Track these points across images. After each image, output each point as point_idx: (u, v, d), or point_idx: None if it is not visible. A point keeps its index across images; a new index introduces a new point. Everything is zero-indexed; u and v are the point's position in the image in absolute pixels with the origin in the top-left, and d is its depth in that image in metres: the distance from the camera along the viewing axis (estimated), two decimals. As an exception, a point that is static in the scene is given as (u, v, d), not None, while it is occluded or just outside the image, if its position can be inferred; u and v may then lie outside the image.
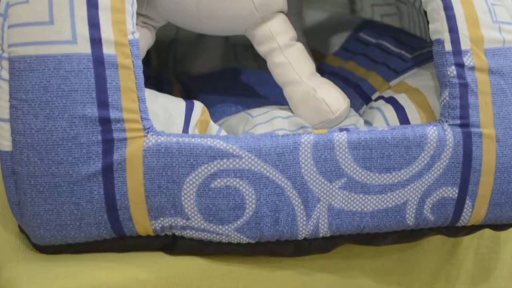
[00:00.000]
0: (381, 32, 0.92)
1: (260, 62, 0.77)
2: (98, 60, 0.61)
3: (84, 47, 0.61)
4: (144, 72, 0.64)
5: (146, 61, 0.96)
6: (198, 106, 0.69)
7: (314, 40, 1.00)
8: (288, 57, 0.72)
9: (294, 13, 0.85)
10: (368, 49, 0.90)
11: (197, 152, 0.62)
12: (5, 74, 0.62)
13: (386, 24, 0.98)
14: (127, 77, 0.62)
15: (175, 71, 1.00)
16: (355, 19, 1.02)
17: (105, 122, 0.61)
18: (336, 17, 1.06)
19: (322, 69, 0.94)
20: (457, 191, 0.66)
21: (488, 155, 0.66)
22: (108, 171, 0.61)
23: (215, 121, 0.75)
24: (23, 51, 0.61)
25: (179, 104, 0.68)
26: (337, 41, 0.99)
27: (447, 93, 0.66)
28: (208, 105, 0.74)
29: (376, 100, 0.76)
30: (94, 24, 0.61)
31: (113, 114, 0.61)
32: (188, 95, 0.86)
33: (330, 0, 1.08)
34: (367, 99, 0.80)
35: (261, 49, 0.74)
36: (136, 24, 0.65)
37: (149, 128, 0.62)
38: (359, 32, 0.96)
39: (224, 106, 0.80)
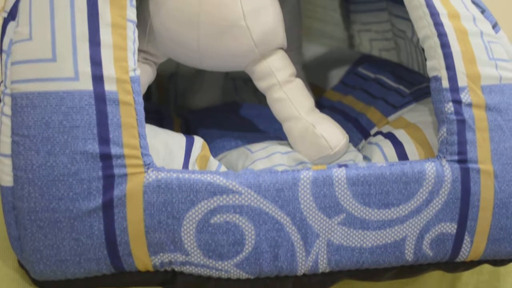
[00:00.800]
0: (380, 67, 0.93)
1: (259, 96, 0.78)
2: (100, 96, 0.62)
3: (86, 84, 0.62)
4: (145, 107, 0.65)
5: (147, 94, 0.97)
6: (198, 141, 0.70)
7: (313, 74, 1.01)
8: (287, 93, 0.73)
9: (293, 48, 0.86)
10: (367, 83, 0.91)
11: (197, 188, 0.62)
12: (8, 110, 0.63)
13: (384, 59, 1.00)
14: (128, 113, 0.62)
15: (175, 104, 1.01)
16: (353, 53, 1.03)
17: (106, 158, 0.61)
18: (335, 52, 1.07)
19: (321, 103, 0.94)
20: (455, 226, 0.67)
21: (486, 190, 0.66)
22: (108, 207, 0.61)
23: (215, 156, 0.76)
24: (26, 87, 0.62)
25: (179, 139, 0.69)
26: (336, 75, 1.00)
27: (444, 129, 0.67)
28: (208, 139, 0.75)
29: (374, 135, 0.77)
30: (96, 62, 0.62)
31: (114, 150, 0.61)
32: (188, 129, 0.87)
33: (329, 35, 1.09)
34: (365, 134, 0.81)
35: (260, 85, 0.74)
36: (137, 60, 0.66)
37: (149, 164, 0.62)
38: (358, 66, 0.97)
39: (224, 140, 0.80)
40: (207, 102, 0.98)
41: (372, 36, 1.04)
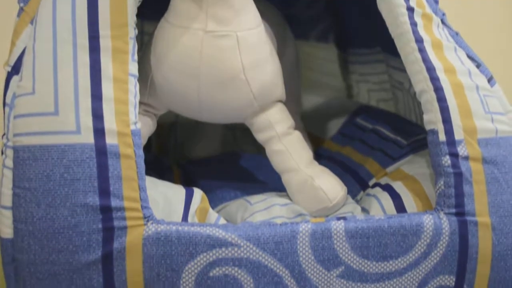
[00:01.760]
0: (377, 118, 0.94)
1: (259, 146, 0.79)
2: (101, 149, 0.62)
3: (87, 137, 0.62)
4: (145, 158, 0.65)
5: (147, 144, 0.97)
6: (198, 193, 0.70)
7: (311, 124, 1.02)
8: (286, 145, 0.74)
9: (292, 99, 0.87)
10: (365, 134, 0.92)
11: (196, 241, 0.62)
12: (9, 162, 0.64)
13: (382, 110, 1.01)
14: (129, 166, 0.63)
15: (175, 154, 1.02)
16: (352, 104, 1.05)
17: (106, 211, 0.62)
18: (333, 102, 1.09)
19: (320, 154, 0.95)
20: (454, 279, 0.67)
21: (484, 243, 0.67)
22: (108, 260, 0.62)
23: (214, 207, 0.76)
24: (28, 140, 0.63)
25: (179, 191, 0.69)
26: (334, 125, 1.01)
27: (442, 182, 0.67)
28: (208, 190, 0.76)
29: (373, 187, 0.78)
30: (98, 115, 0.63)
31: (114, 202, 0.62)
32: (188, 180, 0.88)
33: (327, 85, 1.10)
34: (364, 185, 0.82)
35: (260, 137, 0.75)
36: (138, 113, 0.67)
37: (149, 216, 0.63)
38: (356, 117, 0.98)
39: (223, 191, 0.81)
40: (206, 152, 0.99)
41: (370, 86, 1.05)
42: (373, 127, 0.92)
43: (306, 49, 1.08)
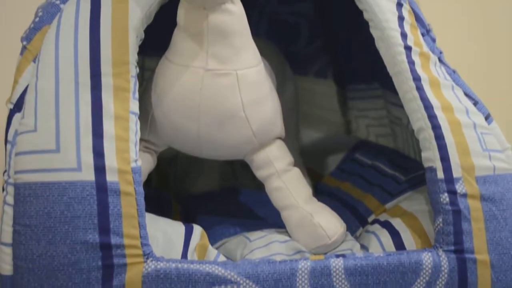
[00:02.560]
0: (376, 153, 0.95)
1: (258, 181, 0.79)
2: (101, 187, 0.63)
3: (88, 174, 0.63)
4: (145, 193, 0.66)
5: (147, 178, 0.98)
6: (197, 230, 0.70)
7: (311, 160, 1.03)
8: (285, 182, 0.74)
9: (291, 135, 0.88)
10: (364, 170, 0.92)
11: (196, 278, 0.62)
12: (10, 199, 0.64)
13: (381, 145, 1.02)
14: (129, 203, 0.63)
15: (175, 189, 1.02)
16: (350, 139, 1.05)
17: (106, 248, 0.62)
18: (332, 137, 1.09)
19: (319, 189, 0.96)
20: (453, 317, 0.67)
21: (483, 281, 0.67)
22: (107, 297, 0.62)
23: (214, 243, 0.77)
24: (29, 178, 0.63)
25: (178, 228, 0.69)
26: (333, 161, 1.01)
27: (440, 219, 0.68)
28: (207, 226, 0.76)
29: (372, 223, 0.78)
30: (98, 153, 0.63)
31: (114, 240, 0.62)
32: (188, 216, 0.88)
33: (326, 120, 1.11)
34: (363, 222, 0.82)
35: (259, 173, 0.76)
36: (139, 149, 0.68)
37: (149, 253, 0.63)
38: (355, 153, 0.99)
39: (223, 227, 0.81)
40: (206, 187, 0.99)
41: (369, 122, 1.06)
42: (372, 163, 0.92)
43: (305, 85, 1.09)
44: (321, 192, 0.94)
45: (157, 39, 0.74)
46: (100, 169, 0.63)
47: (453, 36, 1.24)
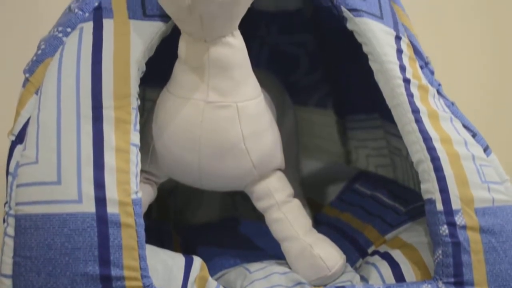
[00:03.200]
0: (376, 184, 0.95)
1: (258, 212, 0.80)
2: (102, 219, 0.63)
3: (89, 206, 0.63)
4: (145, 224, 0.66)
5: (147, 210, 0.98)
6: (197, 262, 0.70)
7: (310, 190, 1.03)
8: (285, 214, 0.75)
9: (291, 165, 0.89)
10: (364, 200, 0.93)
11: (196, 310, 0.62)
12: (11, 231, 0.64)
13: (380, 175, 1.02)
14: (129, 235, 0.64)
15: (175, 220, 1.02)
16: (350, 169, 1.06)
17: (106, 280, 0.62)
18: (332, 167, 1.10)
19: (319, 219, 0.96)
20: None
21: (483, 313, 0.67)
22: (107, 329, 0.62)
23: (213, 274, 0.76)
24: (30, 209, 0.63)
25: (178, 260, 0.69)
26: (333, 191, 1.02)
27: (440, 251, 0.68)
28: (207, 257, 0.76)
29: (372, 254, 0.78)
30: (99, 185, 0.64)
31: (114, 272, 0.62)
32: (188, 247, 0.88)
33: (326, 150, 1.11)
34: (363, 253, 0.82)
35: (259, 205, 0.76)
36: (139, 181, 0.68)
37: (149, 285, 0.63)
38: (355, 183, 0.99)
39: (223, 258, 0.81)
40: (206, 217, 0.99)
41: (369, 152, 1.06)
42: (372, 194, 0.93)
43: (305, 115, 1.09)
44: (321, 222, 0.94)
45: (158, 70, 0.75)
46: (100, 200, 0.63)
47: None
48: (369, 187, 0.95)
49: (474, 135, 0.74)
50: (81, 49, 0.69)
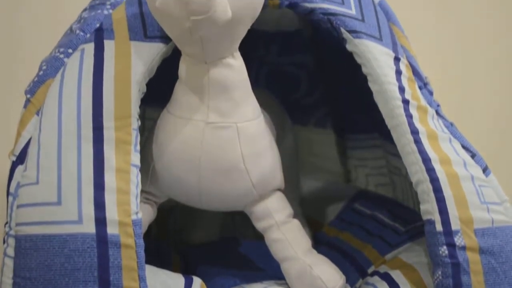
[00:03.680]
0: (376, 203, 0.95)
1: (258, 231, 0.80)
2: (102, 239, 0.63)
3: (89, 227, 0.63)
4: (144, 244, 0.66)
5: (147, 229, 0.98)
6: (197, 282, 0.71)
7: (310, 209, 1.03)
8: (285, 234, 0.75)
9: (290, 185, 0.89)
10: (363, 220, 0.93)
11: (195, 332, 0.62)
12: (11, 251, 0.64)
13: (380, 195, 1.02)
14: (129, 256, 0.64)
15: (174, 239, 1.02)
16: (350, 189, 1.06)
17: (106, 301, 0.62)
18: (332, 186, 1.10)
19: (319, 238, 0.96)
20: None
21: (483, 334, 0.67)
22: None
23: (213, 294, 0.77)
24: (30, 230, 0.63)
25: (178, 280, 0.70)
26: (333, 210, 1.02)
27: (440, 272, 0.68)
28: (207, 277, 0.76)
29: (371, 275, 0.78)
30: (100, 205, 0.64)
31: (114, 293, 0.62)
32: (187, 266, 0.88)
33: (326, 170, 1.12)
34: (363, 273, 0.82)
35: (259, 225, 0.76)
36: (139, 201, 0.68)
37: (148, 306, 0.63)
38: (355, 202, 0.99)
39: (222, 279, 0.81)
40: (206, 237, 0.99)
41: (368, 171, 1.07)
42: (372, 213, 0.93)
43: (304, 135, 1.09)
44: (320, 242, 0.94)
45: (158, 89, 0.75)
46: (101, 221, 0.64)
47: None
48: (368, 206, 0.95)
49: (473, 155, 0.75)
50: (82, 70, 0.69)
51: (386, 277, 0.74)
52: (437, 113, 0.76)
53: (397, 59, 0.75)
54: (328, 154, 1.11)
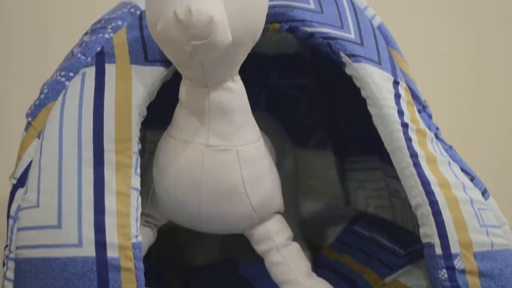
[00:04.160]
0: (375, 226, 0.95)
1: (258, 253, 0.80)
2: (102, 263, 0.63)
3: (89, 250, 0.63)
4: (144, 268, 0.66)
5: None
6: (197, 305, 0.71)
7: (310, 231, 1.03)
8: (285, 257, 0.75)
9: (290, 208, 0.89)
10: (363, 242, 0.93)
11: None
12: (11, 274, 0.64)
13: (380, 217, 1.02)
14: (129, 279, 0.64)
15: (174, 261, 1.02)
16: (350, 211, 1.06)
17: (105, 325, 0.62)
18: (332, 209, 1.10)
19: (319, 261, 0.95)
20: None
21: None
22: None
23: (213, 317, 0.76)
24: (30, 253, 0.64)
25: (178, 304, 0.70)
26: (333, 232, 1.02)
27: (439, 296, 0.68)
28: (206, 300, 0.76)
29: (371, 298, 0.78)
30: (100, 229, 0.64)
31: (113, 316, 0.62)
32: (187, 289, 0.88)
33: (325, 192, 1.12)
34: (362, 296, 0.82)
35: (259, 248, 0.76)
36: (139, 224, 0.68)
37: (148, 329, 0.63)
38: (354, 225, 0.99)
39: (222, 301, 0.81)
40: (206, 259, 0.99)
41: (368, 193, 1.07)
42: (371, 236, 0.93)
43: (304, 157, 1.10)
44: (320, 264, 0.94)
45: (158, 112, 0.75)
46: (101, 245, 0.64)
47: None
48: (368, 229, 0.95)
49: (472, 178, 0.75)
50: (83, 94, 0.70)
51: (386, 300, 0.74)
52: (436, 136, 0.77)
53: (396, 83, 0.75)
54: (328, 176, 1.12)
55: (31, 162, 0.68)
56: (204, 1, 0.60)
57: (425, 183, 0.71)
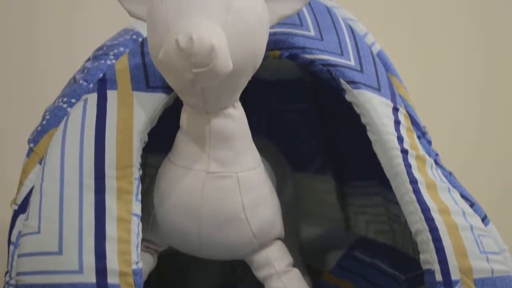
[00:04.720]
0: (375, 251, 0.95)
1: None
2: (102, 290, 0.63)
3: (89, 277, 0.64)
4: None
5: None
6: (197, 332, 0.70)
7: (310, 256, 1.03)
8: (285, 283, 0.75)
9: (290, 234, 0.89)
10: (363, 268, 0.93)
11: None
12: (11, 293, 0.64)
13: (380, 242, 1.02)
14: (129, 305, 0.64)
15: (174, 286, 1.02)
16: (350, 236, 1.06)
17: None
18: (331, 233, 1.10)
19: (319, 286, 0.95)
20: None
21: None
22: None
23: None
24: (31, 279, 0.64)
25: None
26: (333, 257, 1.01)
27: (440, 322, 0.68)
28: (207, 326, 0.76)
29: (372, 325, 0.78)
30: (100, 255, 0.64)
31: None
32: (187, 315, 0.87)
33: (325, 216, 1.12)
34: (363, 322, 0.82)
35: (259, 274, 0.76)
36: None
37: None
38: (354, 250, 0.99)
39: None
40: (206, 284, 0.99)
41: (368, 218, 1.07)
42: (372, 261, 0.93)
43: (304, 182, 1.10)
44: (321, 289, 0.94)
45: (160, 137, 0.76)
46: (101, 271, 0.64)
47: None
48: (368, 254, 0.95)
49: (472, 204, 0.75)
50: (85, 120, 0.70)
51: (387, 326, 0.73)
52: (436, 162, 0.77)
53: (395, 109, 0.76)
54: (328, 201, 1.12)
55: (32, 188, 0.69)
56: (205, 30, 0.60)
57: (425, 210, 0.71)
